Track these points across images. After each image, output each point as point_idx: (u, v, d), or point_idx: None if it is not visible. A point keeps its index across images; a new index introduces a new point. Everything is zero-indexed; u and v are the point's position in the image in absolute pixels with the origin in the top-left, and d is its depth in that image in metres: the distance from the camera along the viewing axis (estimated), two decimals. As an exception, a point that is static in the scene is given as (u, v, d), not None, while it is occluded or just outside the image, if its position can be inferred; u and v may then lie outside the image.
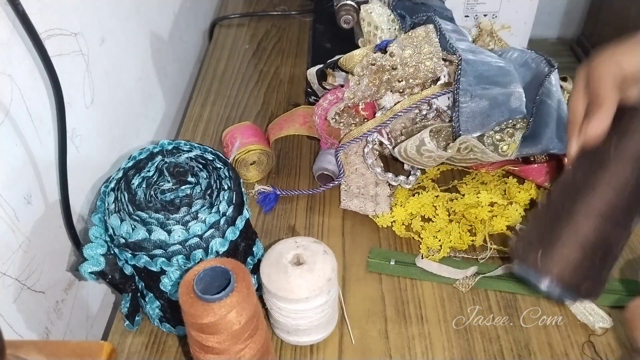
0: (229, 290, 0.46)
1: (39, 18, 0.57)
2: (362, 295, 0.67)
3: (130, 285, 0.60)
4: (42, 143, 0.59)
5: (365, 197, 0.76)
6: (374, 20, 0.83)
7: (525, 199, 0.75)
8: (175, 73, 1.04)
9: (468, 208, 0.74)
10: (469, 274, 0.67)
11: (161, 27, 0.97)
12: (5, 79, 0.53)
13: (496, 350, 0.61)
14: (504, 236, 0.72)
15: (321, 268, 0.57)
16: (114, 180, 0.59)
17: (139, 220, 0.55)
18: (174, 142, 0.63)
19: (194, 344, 0.49)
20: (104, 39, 0.73)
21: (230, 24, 1.22)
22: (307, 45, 1.13)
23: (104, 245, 0.57)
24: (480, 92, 0.71)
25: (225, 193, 0.58)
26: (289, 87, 1.02)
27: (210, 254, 0.56)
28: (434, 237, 0.71)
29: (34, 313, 0.59)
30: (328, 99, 0.79)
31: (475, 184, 0.78)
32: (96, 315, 0.73)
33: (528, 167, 0.77)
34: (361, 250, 0.72)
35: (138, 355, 0.63)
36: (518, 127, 0.72)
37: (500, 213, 0.73)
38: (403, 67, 0.73)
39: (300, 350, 0.62)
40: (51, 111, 0.60)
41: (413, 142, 0.71)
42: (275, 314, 0.59)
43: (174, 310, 0.60)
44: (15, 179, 0.55)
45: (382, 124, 0.75)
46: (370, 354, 0.61)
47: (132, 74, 0.83)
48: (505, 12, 0.95)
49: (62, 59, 0.62)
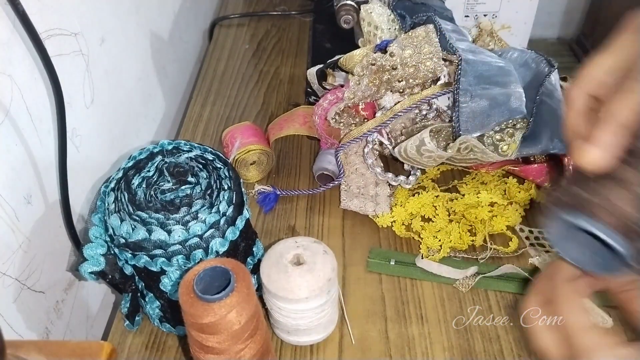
0: (229, 290, 0.46)
1: (39, 18, 0.57)
2: (362, 295, 0.67)
3: (130, 285, 0.60)
4: (42, 143, 0.59)
5: (365, 197, 0.76)
6: (374, 20, 0.83)
7: (525, 198, 0.75)
8: (175, 73, 1.04)
9: (468, 208, 0.74)
10: (469, 274, 0.67)
11: (161, 27, 0.97)
12: (5, 79, 0.53)
13: (496, 350, 0.61)
14: (504, 236, 0.72)
15: (321, 268, 0.57)
16: (114, 180, 0.59)
17: (139, 220, 0.55)
18: (174, 142, 0.63)
19: (194, 344, 0.49)
20: (104, 39, 0.73)
21: (230, 24, 1.22)
22: (307, 45, 1.12)
23: (104, 245, 0.57)
24: (480, 92, 0.71)
25: (225, 193, 0.58)
26: (289, 87, 1.02)
27: (210, 254, 0.56)
28: (434, 237, 0.71)
29: (34, 313, 0.59)
30: (328, 99, 0.79)
31: (475, 184, 0.78)
32: (96, 315, 0.73)
33: (528, 167, 0.77)
34: (361, 250, 0.72)
35: (138, 355, 0.63)
36: (518, 127, 0.72)
37: (500, 213, 0.73)
38: (403, 67, 0.73)
39: (300, 350, 0.62)
40: (51, 111, 0.60)
41: (413, 142, 0.71)
42: (275, 314, 0.59)
43: (174, 310, 0.60)
44: (15, 179, 0.55)
45: (382, 124, 0.75)
46: (370, 354, 0.61)
47: (132, 74, 0.83)
48: (505, 12, 0.95)
49: (62, 59, 0.62)
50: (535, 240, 0.72)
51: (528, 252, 0.70)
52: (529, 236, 0.72)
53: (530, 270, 0.66)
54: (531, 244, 0.71)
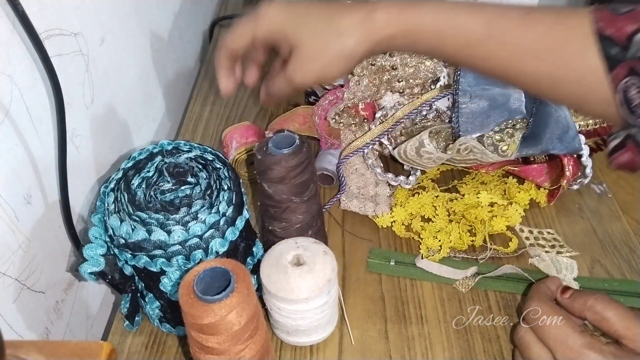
0: (229, 291, 0.46)
1: (39, 18, 0.57)
2: (362, 296, 0.67)
3: (130, 285, 0.60)
4: (42, 143, 0.59)
5: (365, 198, 0.76)
6: None
7: (525, 199, 0.75)
8: (175, 73, 1.04)
9: (468, 208, 0.74)
10: (468, 274, 0.67)
11: (161, 27, 0.96)
12: (5, 79, 0.53)
13: (496, 350, 0.61)
14: (504, 236, 0.72)
15: (321, 269, 0.57)
16: (113, 180, 0.59)
17: (139, 221, 0.55)
18: (174, 143, 0.63)
19: (194, 344, 0.49)
20: (104, 39, 0.73)
21: (230, 24, 1.21)
22: (307, 45, 1.12)
23: (103, 245, 0.57)
24: (479, 93, 0.71)
25: (225, 193, 0.58)
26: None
27: (210, 255, 0.56)
28: (434, 237, 0.71)
29: (34, 313, 0.59)
30: (328, 99, 0.79)
31: (475, 184, 0.78)
32: (96, 316, 0.73)
33: (528, 167, 0.77)
34: (361, 250, 0.72)
35: (138, 356, 0.63)
36: (518, 127, 0.72)
37: (500, 213, 0.73)
38: (403, 68, 0.73)
39: (300, 351, 0.62)
40: (51, 111, 0.60)
41: (412, 143, 0.71)
42: (275, 315, 0.59)
43: (174, 311, 0.60)
44: (15, 179, 0.55)
45: (384, 132, 0.75)
46: (370, 354, 0.61)
47: (132, 74, 0.83)
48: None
49: (62, 59, 0.62)
50: (535, 240, 0.72)
51: (528, 252, 0.70)
52: (529, 236, 0.72)
53: (530, 271, 0.66)
54: (531, 244, 0.71)
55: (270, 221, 0.65)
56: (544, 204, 0.76)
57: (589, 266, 0.69)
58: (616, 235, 0.72)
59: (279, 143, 0.61)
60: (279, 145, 0.61)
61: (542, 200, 0.76)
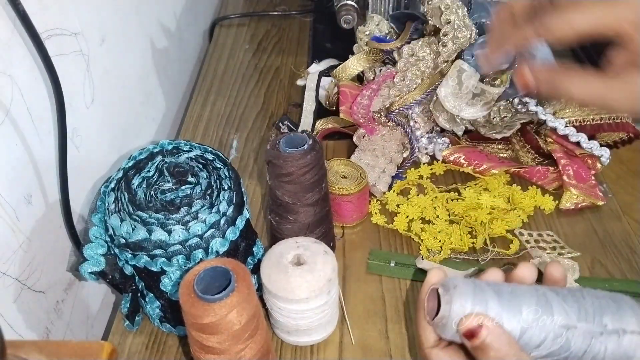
0: (230, 291, 0.46)
1: (39, 18, 0.57)
2: (362, 296, 0.67)
3: (130, 285, 0.60)
4: (42, 143, 0.59)
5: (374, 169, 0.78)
6: (372, 30, 0.84)
7: (530, 205, 0.74)
8: (175, 73, 1.04)
9: (468, 210, 0.73)
10: (470, 275, 0.67)
11: (161, 27, 0.97)
12: (5, 79, 0.53)
13: (496, 350, 0.61)
14: (505, 239, 0.72)
15: (321, 268, 0.57)
16: (114, 180, 0.59)
17: (139, 221, 0.55)
18: (174, 142, 0.63)
19: (194, 344, 0.49)
20: (104, 39, 0.73)
21: (230, 24, 1.22)
22: (307, 45, 1.13)
23: (104, 245, 0.57)
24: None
25: (225, 193, 0.58)
26: (289, 87, 1.02)
27: (210, 254, 0.56)
28: (435, 238, 0.71)
29: (34, 313, 0.59)
30: (367, 95, 0.79)
31: (478, 189, 0.77)
32: (96, 315, 0.73)
33: (532, 168, 0.77)
34: (361, 251, 0.72)
35: (138, 355, 0.63)
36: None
37: (501, 217, 0.72)
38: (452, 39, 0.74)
39: (300, 351, 0.62)
40: (51, 111, 0.60)
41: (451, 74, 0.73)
42: (275, 314, 0.59)
43: (174, 310, 0.60)
44: (15, 179, 0.55)
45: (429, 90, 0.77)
46: (370, 354, 0.61)
47: (133, 73, 0.83)
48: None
49: (62, 59, 0.62)
50: (536, 243, 0.71)
51: (529, 253, 0.69)
52: (529, 239, 0.72)
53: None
54: (532, 247, 0.71)
55: (278, 220, 0.65)
56: (548, 210, 0.75)
57: (590, 266, 0.69)
58: (617, 236, 0.72)
59: (291, 142, 0.61)
60: (291, 144, 0.61)
61: (547, 207, 0.75)
